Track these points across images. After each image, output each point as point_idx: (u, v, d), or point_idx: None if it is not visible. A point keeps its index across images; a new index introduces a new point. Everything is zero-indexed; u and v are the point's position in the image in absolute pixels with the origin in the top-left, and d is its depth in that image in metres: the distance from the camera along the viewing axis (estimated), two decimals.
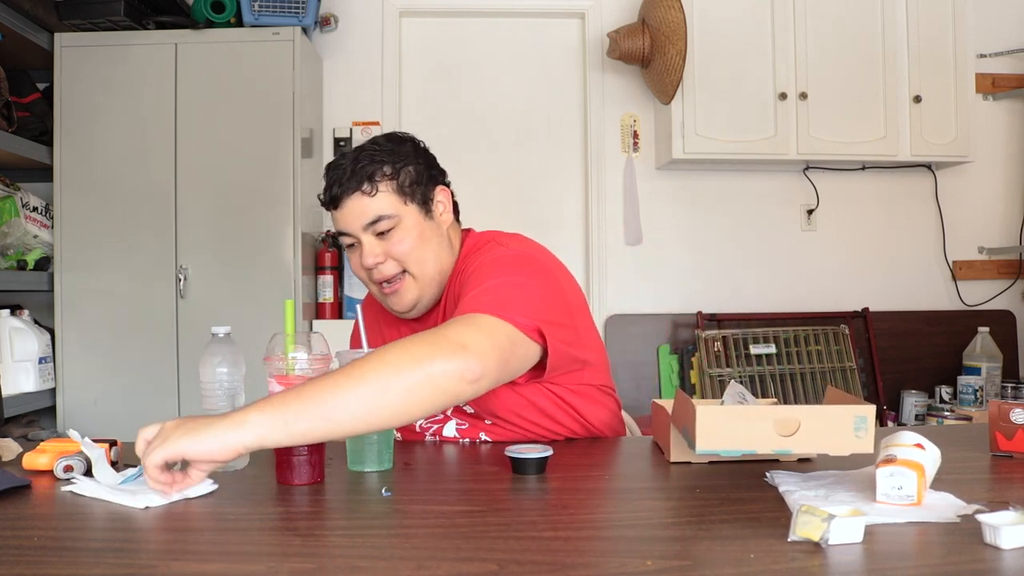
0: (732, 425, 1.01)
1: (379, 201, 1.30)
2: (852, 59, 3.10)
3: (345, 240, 1.34)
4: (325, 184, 1.33)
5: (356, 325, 1.23)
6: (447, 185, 1.42)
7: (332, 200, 1.32)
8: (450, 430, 1.38)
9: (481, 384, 1.08)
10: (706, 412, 1.00)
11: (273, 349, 1.08)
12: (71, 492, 1.02)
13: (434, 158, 1.41)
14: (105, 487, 1.01)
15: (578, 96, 3.37)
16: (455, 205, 1.45)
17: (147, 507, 0.95)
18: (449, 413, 1.39)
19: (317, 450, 1.07)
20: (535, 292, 1.23)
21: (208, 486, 1.02)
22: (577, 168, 3.38)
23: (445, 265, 1.37)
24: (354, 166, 1.30)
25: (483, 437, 1.37)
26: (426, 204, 1.35)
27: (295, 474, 1.06)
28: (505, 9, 3.34)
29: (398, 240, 1.31)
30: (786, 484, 1.00)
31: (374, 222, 1.30)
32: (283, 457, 1.06)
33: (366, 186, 1.29)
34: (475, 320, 1.13)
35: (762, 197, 3.37)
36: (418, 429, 1.41)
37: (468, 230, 1.49)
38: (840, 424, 1.01)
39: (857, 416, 1.01)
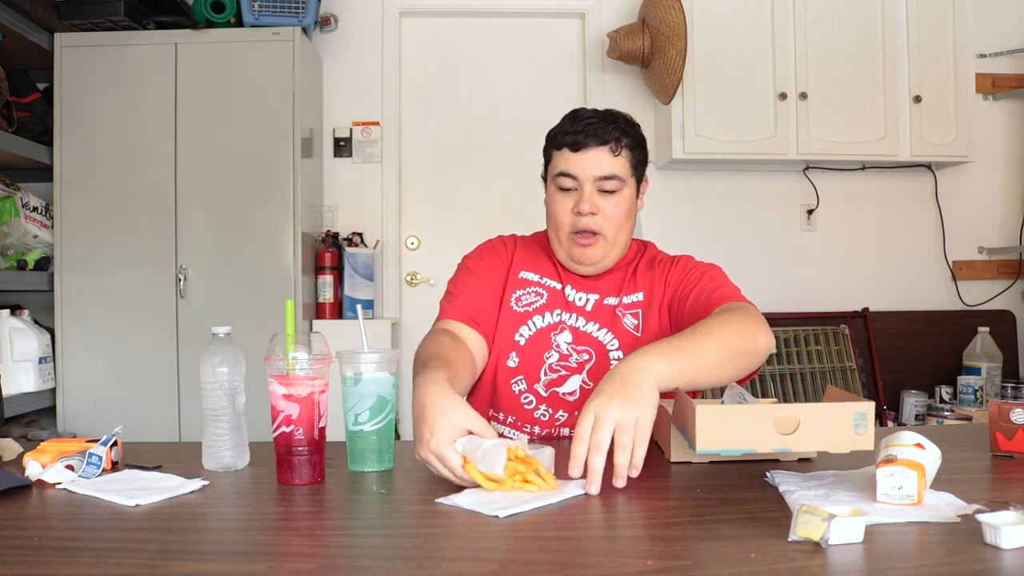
0: (732, 424, 1.01)
1: (619, 163, 1.40)
2: (852, 59, 3.10)
3: (565, 183, 1.41)
4: (565, 127, 1.42)
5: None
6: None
7: (576, 143, 1.40)
8: (573, 384, 1.42)
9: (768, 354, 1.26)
10: (706, 412, 1.00)
11: (273, 349, 1.08)
12: (65, 490, 1.02)
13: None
14: (97, 485, 1.02)
15: (578, 96, 3.37)
16: None
17: (137, 504, 0.95)
18: (587, 369, 1.42)
19: (317, 450, 1.07)
20: None
21: (199, 482, 1.03)
22: None
23: (627, 243, 1.48)
24: (605, 125, 1.40)
25: None
26: (639, 186, 1.47)
27: (295, 474, 1.06)
28: (505, 9, 3.34)
29: (615, 203, 1.41)
30: (786, 484, 1.00)
31: (607, 178, 1.40)
32: (283, 457, 1.06)
33: (613, 145, 1.40)
34: (755, 309, 1.30)
35: (762, 197, 3.37)
36: (544, 371, 1.42)
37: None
38: (840, 421, 1.01)
39: (857, 413, 1.00)
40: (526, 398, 1.42)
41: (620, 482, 0.99)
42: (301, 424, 1.06)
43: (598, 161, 1.39)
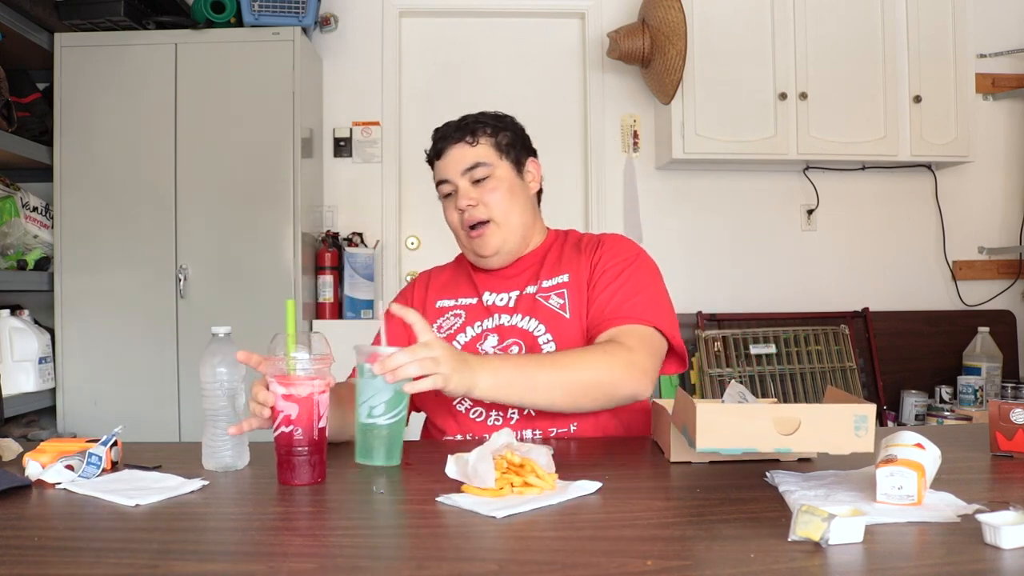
0: (732, 423, 1.01)
1: (478, 150, 1.47)
2: (852, 59, 3.10)
3: (444, 189, 1.50)
4: (432, 142, 1.53)
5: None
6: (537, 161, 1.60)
7: (437, 152, 1.50)
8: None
9: (639, 400, 1.36)
10: (706, 410, 1.00)
11: (274, 349, 1.08)
12: (65, 490, 1.02)
13: (529, 137, 1.59)
14: (97, 485, 1.02)
15: (578, 96, 3.37)
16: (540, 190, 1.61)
17: (137, 504, 0.95)
18: None
19: (317, 450, 1.07)
20: (669, 303, 1.47)
21: (199, 482, 1.03)
22: (577, 168, 3.38)
23: (528, 222, 1.52)
24: (460, 123, 1.50)
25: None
26: (519, 165, 1.52)
27: (295, 474, 1.05)
28: (505, 9, 3.34)
29: (491, 188, 1.46)
30: (786, 484, 1.00)
31: (472, 168, 1.46)
32: (284, 458, 1.06)
33: (468, 138, 1.48)
34: (648, 340, 1.36)
35: (762, 197, 3.37)
36: None
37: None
38: (840, 423, 1.01)
39: (857, 415, 1.00)
40: (475, 412, 1.41)
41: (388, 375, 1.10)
42: (300, 424, 1.05)
43: (459, 157, 1.47)
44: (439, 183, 1.50)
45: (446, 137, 1.49)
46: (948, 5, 3.13)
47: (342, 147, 3.26)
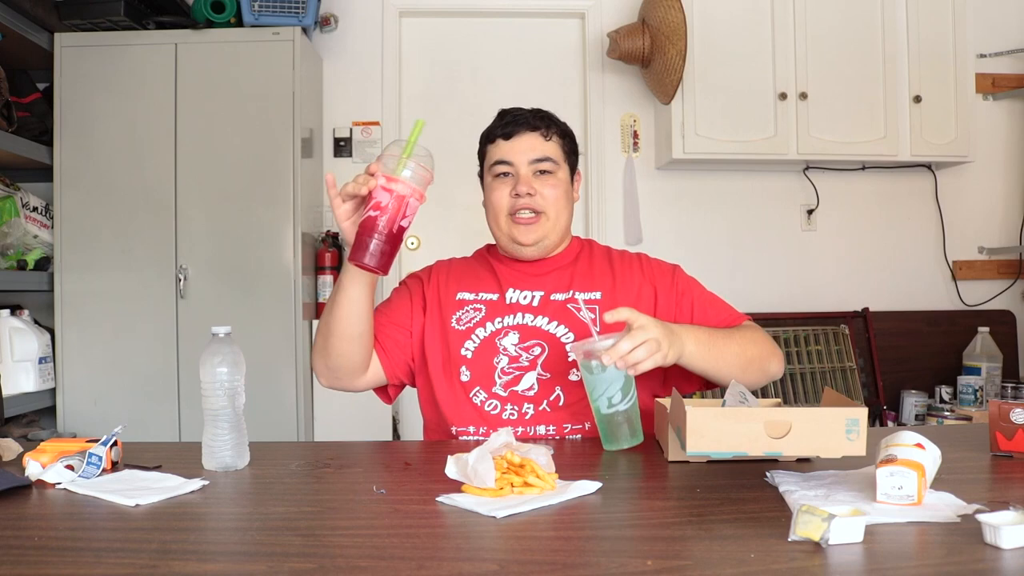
0: (722, 426, 1.01)
1: (551, 146, 1.50)
2: (852, 59, 3.10)
3: (500, 169, 1.49)
4: (496, 123, 1.52)
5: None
6: None
7: (507, 133, 1.49)
8: (529, 380, 1.43)
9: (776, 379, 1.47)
10: (696, 413, 1.00)
11: (390, 148, 1.18)
12: (65, 490, 1.03)
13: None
14: (97, 485, 1.02)
15: (578, 96, 3.37)
16: None
17: (137, 504, 0.95)
18: (540, 363, 1.43)
19: (390, 243, 1.15)
20: None
21: (199, 482, 1.04)
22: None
23: (568, 228, 1.55)
24: (535, 113, 1.51)
25: (558, 392, 1.40)
26: (572, 173, 1.55)
27: (365, 255, 1.14)
28: (505, 9, 3.34)
29: (552, 184, 1.48)
30: (786, 484, 1.00)
31: (541, 160, 1.48)
32: (361, 238, 1.15)
33: (543, 130, 1.49)
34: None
35: (762, 197, 3.37)
36: (497, 375, 1.43)
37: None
38: (831, 426, 1.01)
39: (849, 419, 1.00)
40: (489, 404, 1.41)
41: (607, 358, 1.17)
42: (386, 214, 1.14)
43: (531, 145, 1.47)
44: (498, 162, 1.49)
45: (520, 123, 1.49)
46: (948, 5, 3.13)
47: (342, 147, 3.26)
